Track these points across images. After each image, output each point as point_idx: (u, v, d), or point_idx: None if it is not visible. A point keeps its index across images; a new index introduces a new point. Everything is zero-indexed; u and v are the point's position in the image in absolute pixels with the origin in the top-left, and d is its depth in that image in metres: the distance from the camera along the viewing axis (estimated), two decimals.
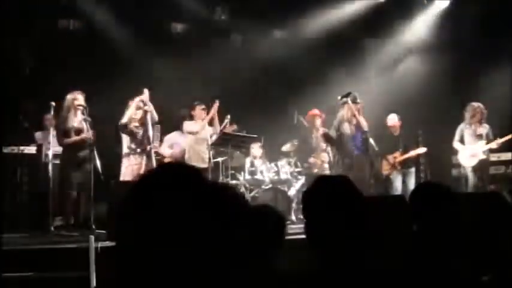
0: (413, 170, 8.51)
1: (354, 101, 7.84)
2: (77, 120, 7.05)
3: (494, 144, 8.20)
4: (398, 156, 8.39)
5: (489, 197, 2.82)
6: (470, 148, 8.29)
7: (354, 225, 1.98)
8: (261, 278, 1.58)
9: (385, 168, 8.39)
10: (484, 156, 8.25)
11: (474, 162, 8.26)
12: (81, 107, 6.96)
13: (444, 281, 2.25)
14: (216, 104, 7.91)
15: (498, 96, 8.84)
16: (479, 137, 8.31)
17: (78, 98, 7.03)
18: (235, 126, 8.19)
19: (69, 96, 7.07)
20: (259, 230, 1.62)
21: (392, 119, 8.54)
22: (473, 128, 8.35)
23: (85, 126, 7.00)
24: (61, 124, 7.00)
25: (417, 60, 9.94)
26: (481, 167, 8.29)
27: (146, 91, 7.30)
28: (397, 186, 8.33)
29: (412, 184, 8.30)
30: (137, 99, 7.25)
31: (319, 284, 1.90)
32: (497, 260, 2.39)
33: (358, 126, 7.78)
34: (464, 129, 8.41)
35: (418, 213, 2.59)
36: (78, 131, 7.01)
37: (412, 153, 8.47)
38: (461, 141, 8.42)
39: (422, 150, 8.53)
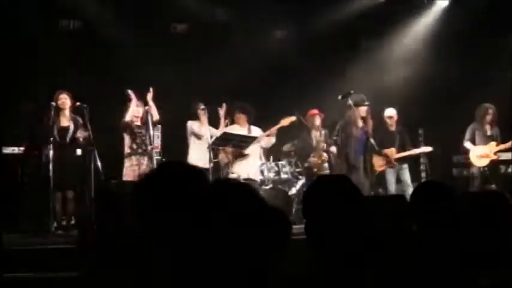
0: (406, 166, 8.38)
1: (362, 104, 7.80)
2: (64, 120, 7.09)
3: (505, 146, 8.20)
4: (394, 153, 8.31)
5: (490, 197, 2.81)
6: (482, 148, 8.29)
7: (354, 225, 1.98)
8: (261, 278, 1.57)
9: (379, 165, 8.31)
10: (495, 157, 8.26)
11: (486, 162, 8.27)
12: (73, 107, 7.02)
13: (444, 281, 2.24)
14: (224, 108, 8.00)
15: (498, 96, 8.83)
16: (490, 138, 8.31)
17: (61, 98, 7.08)
18: (293, 118, 8.17)
19: (55, 96, 7.12)
20: (265, 232, 1.62)
21: (390, 112, 8.46)
22: (484, 129, 8.35)
23: (72, 125, 7.05)
24: (52, 122, 7.03)
25: (417, 60, 9.92)
26: (491, 168, 8.30)
27: (151, 90, 7.38)
28: (392, 184, 8.24)
29: (408, 179, 8.23)
30: (133, 99, 7.31)
31: (320, 285, 1.90)
32: (497, 261, 2.39)
33: (363, 129, 7.73)
34: (475, 129, 8.40)
35: (418, 213, 2.58)
36: (65, 130, 7.05)
37: (416, 151, 8.34)
38: (472, 141, 8.41)
39: (428, 149, 8.36)
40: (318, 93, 9.00)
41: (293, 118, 8.15)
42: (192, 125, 8.00)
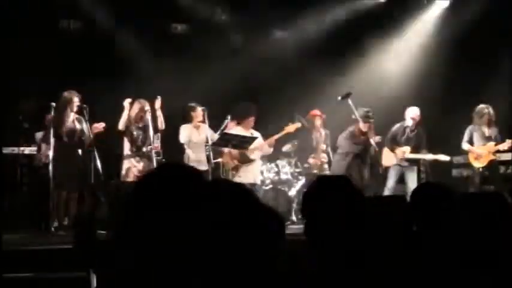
0: (414, 168, 8.33)
1: (367, 120, 7.77)
2: (71, 119, 7.10)
3: (504, 146, 8.17)
4: (407, 152, 8.19)
5: (489, 198, 2.82)
6: (480, 149, 8.27)
7: (354, 225, 1.98)
8: (261, 278, 1.57)
9: (388, 160, 8.28)
10: (493, 157, 8.25)
11: (484, 163, 8.25)
12: (77, 107, 7.01)
13: (444, 281, 2.24)
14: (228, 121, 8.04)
15: (497, 96, 8.84)
16: (489, 138, 8.28)
17: (75, 99, 7.07)
18: (299, 124, 8.16)
19: (66, 95, 7.10)
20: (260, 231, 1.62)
21: (414, 112, 8.31)
22: (482, 129, 8.32)
23: (78, 126, 7.06)
24: (58, 122, 7.01)
25: (417, 60, 9.93)
26: (490, 168, 8.29)
27: (159, 98, 7.35)
28: (391, 180, 8.18)
29: (412, 182, 8.14)
30: (126, 102, 7.28)
31: (319, 284, 1.90)
32: (497, 261, 2.39)
33: (364, 139, 7.72)
34: (473, 131, 8.37)
35: (418, 213, 2.58)
36: (72, 131, 7.06)
37: (431, 156, 8.25)
38: (470, 142, 8.38)
39: (445, 158, 8.28)
40: (317, 93, 9.00)
41: (298, 125, 8.14)
42: (184, 131, 7.84)
